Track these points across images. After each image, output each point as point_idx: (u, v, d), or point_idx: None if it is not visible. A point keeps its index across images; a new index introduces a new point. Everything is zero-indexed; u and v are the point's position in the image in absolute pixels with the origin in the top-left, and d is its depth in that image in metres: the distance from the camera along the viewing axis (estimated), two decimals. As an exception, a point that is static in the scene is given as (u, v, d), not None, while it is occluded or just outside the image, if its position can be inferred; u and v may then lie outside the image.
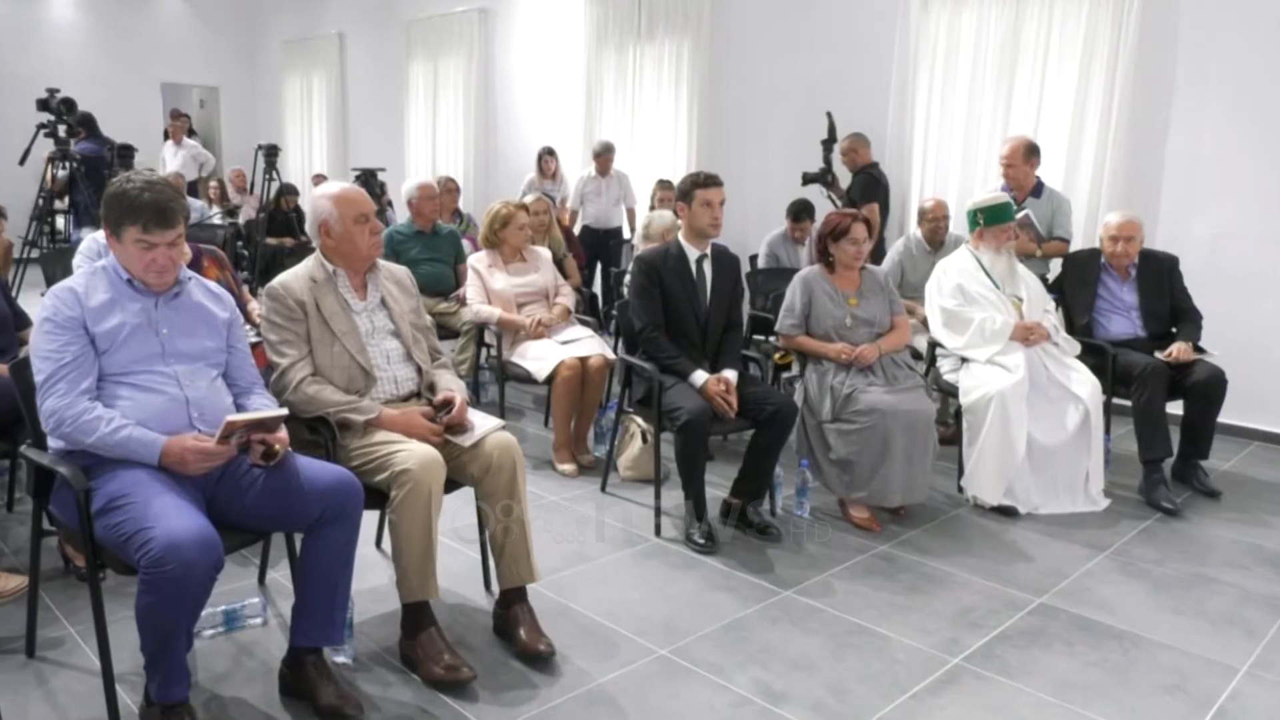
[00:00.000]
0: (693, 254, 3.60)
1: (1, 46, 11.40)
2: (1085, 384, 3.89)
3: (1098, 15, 5.35)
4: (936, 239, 5.03)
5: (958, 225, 5.21)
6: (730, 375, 3.48)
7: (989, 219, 4.09)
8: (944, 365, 4.17)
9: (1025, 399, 3.77)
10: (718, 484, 3.84)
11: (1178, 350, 4.05)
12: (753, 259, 6.11)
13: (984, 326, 3.94)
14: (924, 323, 4.36)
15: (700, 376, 3.44)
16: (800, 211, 5.92)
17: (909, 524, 3.70)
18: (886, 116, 6.39)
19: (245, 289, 4.12)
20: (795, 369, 3.98)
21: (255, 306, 3.63)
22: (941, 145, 6.25)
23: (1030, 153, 4.70)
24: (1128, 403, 4.10)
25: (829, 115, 6.27)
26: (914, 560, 3.36)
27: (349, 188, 2.76)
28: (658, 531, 3.53)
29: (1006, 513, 3.81)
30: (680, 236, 3.64)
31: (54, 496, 2.30)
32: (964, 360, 4.01)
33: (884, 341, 3.75)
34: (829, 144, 6.28)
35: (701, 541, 3.38)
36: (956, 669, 2.62)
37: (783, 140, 7.09)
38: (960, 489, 3.96)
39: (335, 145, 12.01)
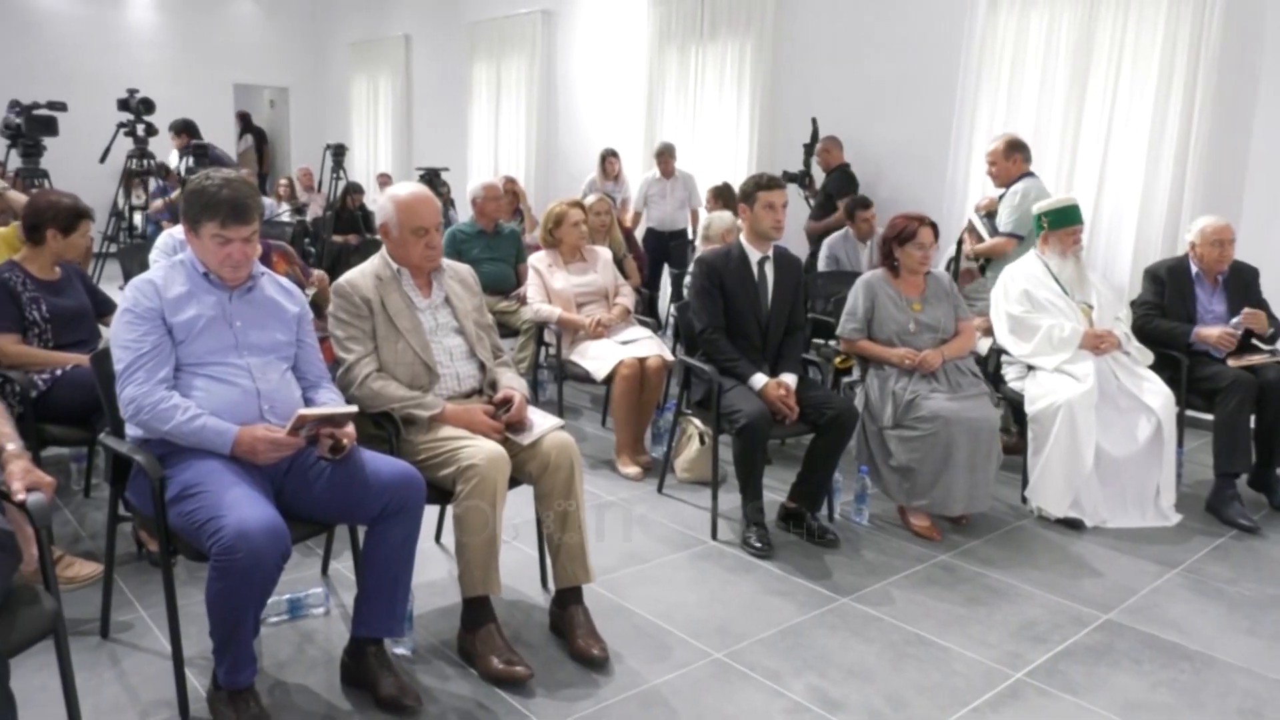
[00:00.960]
0: (754, 256, 3.58)
1: (83, 48, 11.80)
2: (1158, 395, 3.78)
3: (1178, 15, 5.18)
4: None
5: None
6: (790, 379, 3.45)
7: (1054, 222, 4.00)
8: (1009, 373, 4.09)
9: (1094, 409, 3.68)
10: (775, 488, 3.82)
11: (1244, 316, 3.99)
12: (811, 259, 6.06)
13: (1052, 333, 3.85)
14: (988, 330, 4.27)
15: (760, 379, 3.41)
16: (855, 208, 5.84)
17: (970, 534, 3.63)
18: (951, 120, 6.29)
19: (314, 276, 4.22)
20: (856, 373, 3.94)
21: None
22: (1009, 150, 6.12)
23: (1012, 149, 4.58)
24: (1201, 415, 3.98)
25: (813, 121, 6.88)
26: (975, 571, 3.30)
27: (417, 196, 2.73)
28: (714, 534, 3.52)
29: (1072, 525, 3.72)
30: (742, 238, 3.63)
31: (130, 484, 2.37)
32: (1030, 368, 3.93)
33: (948, 347, 3.69)
34: (810, 147, 6.90)
35: (758, 545, 3.36)
36: (1019, 684, 2.56)
37: (845, 143, 7.01)
38: (1024, 500, 3.87)
39: (400, 145, 12.20)
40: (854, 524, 3.70)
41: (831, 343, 4.75)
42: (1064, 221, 3.98)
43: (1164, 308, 4.22)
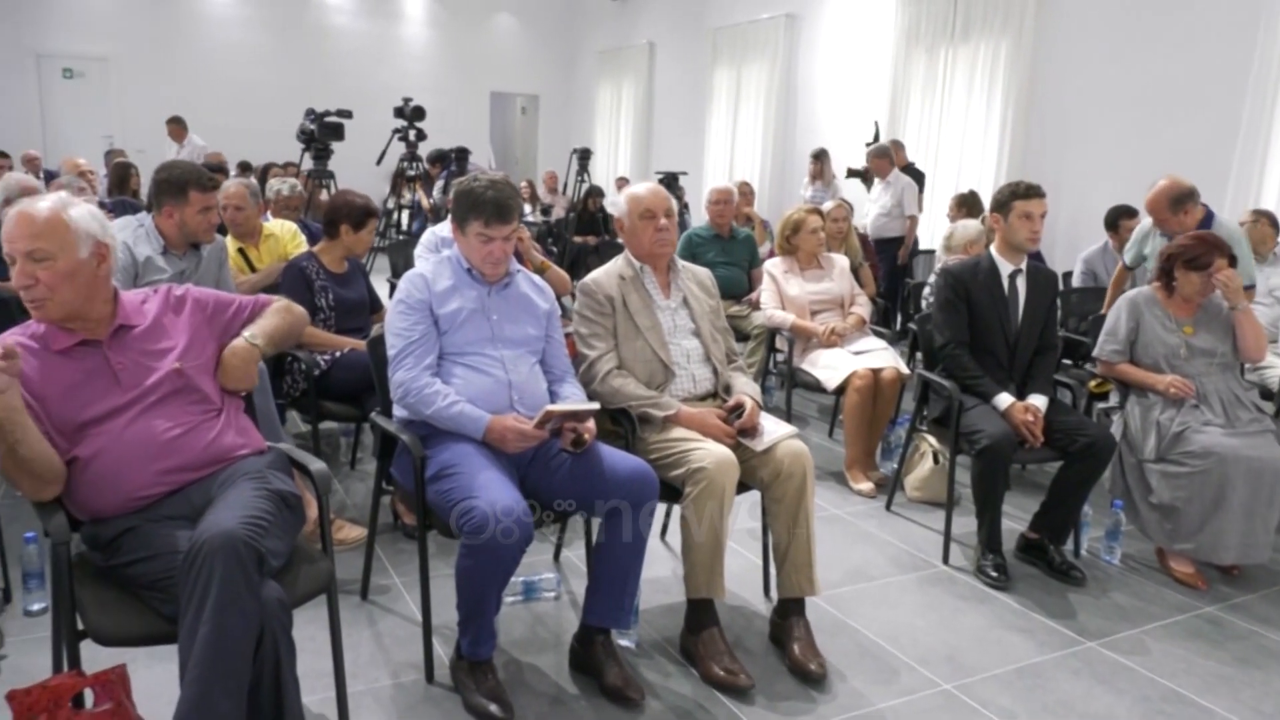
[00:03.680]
0: (1005, 268, 3.38)
1: (363, 61, 13.04)
2: None
3: None
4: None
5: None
6: (1039, 402, 3.23)
7: None
8: (1300, 409, 3.63)
9: None
10: (1013, 515, 3.60)
11: None
12: (1066, 276, 5.64)
13: (1359, 368, 3.37)
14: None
15: (1005, 399, 3.22)
16: (1118, 216, 5.35)
17: (1243, 586, 3.25)
18: (1239, 122, 5.66)
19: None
20: (1113, 399, 3.63)
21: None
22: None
23: (1178, 201, 3.92)
24: None
25: (875, 124, 7.84)
26: (1248, 629, 2.95)
27: (646, 187, 2.88)
28: (945, 558, 3.36)
29: (1374, 588, 3.25)
30: (993, 249, 3.44)
31: (395, 460, 2.58)
32: (1329, 405, 3.47)
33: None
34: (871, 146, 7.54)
35: (994, 575, 3.17)
36: (1301, 762, 2.27)
37: (1108, 148, 6.50)
38: (1313, 554, 3.42)
39: (639, 149, 12.57)
40: (1103, 562, 3.41)
41: (1084, 364, 4.41)
42: None
43: None
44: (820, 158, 8.04)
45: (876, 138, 7.37)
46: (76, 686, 1.83)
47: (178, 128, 9.91)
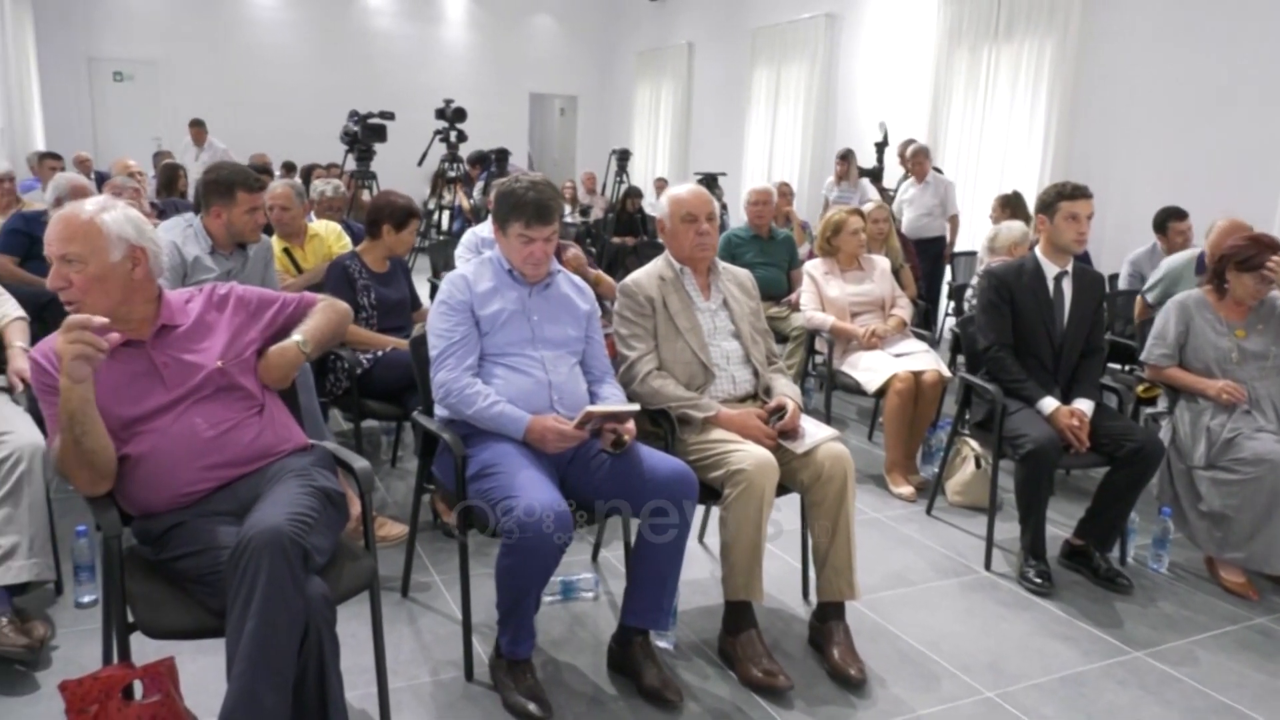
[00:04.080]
0: (1051, 270, 3.33)
1: (404, 63, 13.17)
2: None
3: None
4: None
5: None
6: (1085, 407, 3.18)
7: None
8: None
9: None
10: (1057, 521, 3.54)
11: None
12: (1113, 279, 5.54)
13: None
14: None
15: (1050, 403, 3.17)
16: (1166, 219, 5.24)
17: (1297, 597, 3.18)
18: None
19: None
20: (1161, 404, 3.56)
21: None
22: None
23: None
24: None
25: (882, 125, 7.99)
26: (1303, 641, 2.88)
27: (689, 189, 2.86)
28: (988, 564, 3.31)
29: None
30: (1037, 251, 3.39)
31: (436, 459, 2.60)
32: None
33: None
34: (882, 146, 7.92)
35: (1038, 581, 3.12)
36: (1358, 779, 2.21)
37: (1156, 149, 6.38)
38: (1370, 565, 3.32)
39: (678, 150, 12.56)
40: (1150, 571, 3.35)
41: (1130, 369, 4.34)
42: None
43: None
44: (847, 158, 7.98)
45: (885, 139, 7.27)
46: (127, 678, 1.87)
47: (199, 131, 10.07)
